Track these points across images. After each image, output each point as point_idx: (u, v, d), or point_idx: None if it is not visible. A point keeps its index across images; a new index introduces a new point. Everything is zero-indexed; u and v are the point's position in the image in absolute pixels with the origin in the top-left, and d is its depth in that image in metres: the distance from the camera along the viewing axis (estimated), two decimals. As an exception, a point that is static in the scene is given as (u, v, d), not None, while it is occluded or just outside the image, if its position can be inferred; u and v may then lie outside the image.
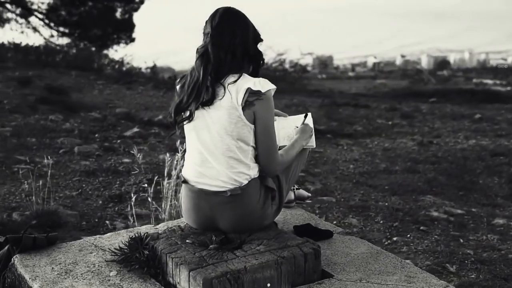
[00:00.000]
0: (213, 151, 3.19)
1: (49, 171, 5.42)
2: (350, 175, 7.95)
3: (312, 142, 3.60)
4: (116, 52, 25.37)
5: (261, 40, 3.33)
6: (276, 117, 3.77)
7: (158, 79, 19.44)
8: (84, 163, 7.05)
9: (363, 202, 6.21)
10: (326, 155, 9.27)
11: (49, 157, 5.73)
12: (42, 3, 24.09)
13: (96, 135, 8.74)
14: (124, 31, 24.78)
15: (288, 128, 3.70)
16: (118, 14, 24.40)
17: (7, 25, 24.53)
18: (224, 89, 3.13)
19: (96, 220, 5.26)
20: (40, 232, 4.75)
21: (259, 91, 3.10)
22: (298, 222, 3.82)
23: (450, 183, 7.57)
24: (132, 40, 24.92)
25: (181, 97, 3.24)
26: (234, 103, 3.10)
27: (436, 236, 5.19)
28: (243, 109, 3.09)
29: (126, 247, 3.26)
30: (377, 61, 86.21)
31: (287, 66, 26.17)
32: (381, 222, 5.55)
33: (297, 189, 4.06)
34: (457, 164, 8.71)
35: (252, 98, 3.09)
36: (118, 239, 3.57)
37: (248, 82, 3.12)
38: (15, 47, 22.88)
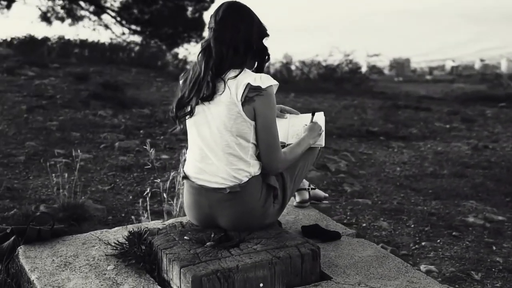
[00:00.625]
0: (213, 147, 3.17)
1: (78, 165, 5.50)
2: (395, 178, 7.81)
3: (321, 141, 3.54)
4: (187, 50, 25.57)
5: (267, 35, 3.30)
6: (287, 115, 3.73)
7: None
8: (122, 158, 7.13)
9: (399, 206, 6.09)
10: (375, 157, 9.13)
11: (79, 150, 5.80)
12: (115, 1, 24.55)
13: (141, 131, 8.83)
14: (195, 29, 24.97)
15: (299, 126, 3.65)
16: (188, 13, 24.61)
17: (80, 23, 25.07)
18: (224, 85, 3.10)
19: (123, 215, 5.31)
20: (65, 225, 4.83)
21: (259, 87, 3.06)
22: (309, 223, 3.76)
23: (497, 189, 7.35)
24: (202, 38, 25.08)
25: (183, 92, 3.23)
26: (234, 98, 3.07)
27: (467, 243, 5.05)
28: (242, 104, 3.07)
29: (125, 242, 3.27)
30: (455, 65, 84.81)
31: (352, 67, 25.95)
32: (412, 226, 5.43)
33: (312, 189, 4.00)
34: (509, 170, 8.45)
35: (252, 93, 3.06)
36: (124, 233, 3.58)
37: (248, 77, 3.09)
38: (81, 43, 23.36)
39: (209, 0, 24.25)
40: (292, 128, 3.65)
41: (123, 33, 25.07)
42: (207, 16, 24.20)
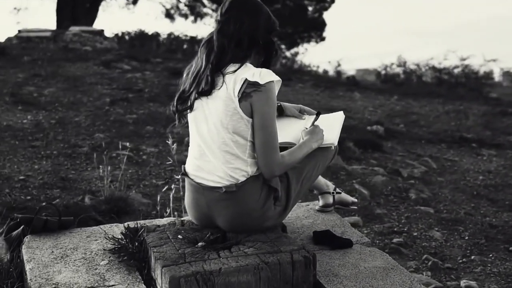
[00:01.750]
0: (210, 145, 3.09)
1: (124, 159, 5.54)
2: (473, 187, 7.45)
3: (331, 140, 3.38)
4: (306, 50, 25.65)
5: (276, 29, 3.19)
6: (306, 116, 3.60)
7: (329, 78, 19.27)
8: (186, 154, 7.13)
9: (462, 216, 5.79)
10: (459, 165, 8.75)
11: (127, 144, 5.85)
12: None
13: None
14: (315, 29, 24.98)
15: (324, 127, 3.51)
16: (308, 13, 24.66)
17: (200, 20, 25.68)
18: (223, 79, 3.02)
19: (168, 210, 5.30)
20: (105, 218, 4.88)
21: (257, 82, 2.96)
22: (325, 228, 3.61)
23: None
24: (323, 39, 25.08)
25: (184, 85, 3.17)
26: (231, 94, 2.99)
27: (523, 260, 4.73)
28: (239, 100, 2.98)
29: (121, 237, 3.24)
30: None
31: (467, 71, 25.09)
32: (467, 238, 5.15)
33: (337, 193, 3.84)
34: None
35: (249, 89, 2.96)
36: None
37: (247, 72, 3.00)
38: (191, 39, 23.77)
39: (330, 0, 24.15)
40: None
41: None
42: (327, 16, 24.13)
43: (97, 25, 23.48)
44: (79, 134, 7.67)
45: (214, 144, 3.09)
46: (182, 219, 3.43)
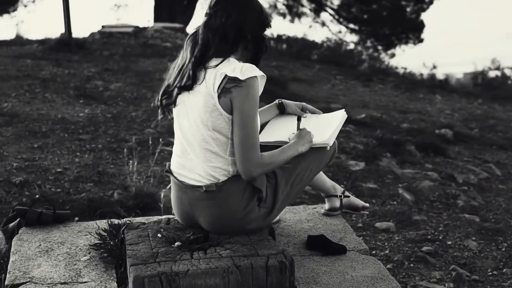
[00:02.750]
0: (191, 142, 3.02)
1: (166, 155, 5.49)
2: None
3: (324, 140, 3.24)
4: (404, 52, 25.30)
5: (268, 25, 3.09)
6: (307, 114, 3.47)
7: (413, 80, 18.78)
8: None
9: (504, 226, 5.49)
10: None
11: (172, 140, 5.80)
12: None
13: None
14: (413, 31, 24.57)
15: (317, 126, 3.38)
16: (407, 13, 24.29)
17: (298, 20, 25.81)
18: (204, 74, 2.94)
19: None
20: (131, 213, 4.88)
21: (237, 78, 2.86)
22: (325, 232, 3.47)
23: None
24: (421, 40, 24.65)
25: (169, 80, 3.10)
26: (210, 89, 2.91)
27: (560, 275, 4.44)
28: (219, 96, 2.89)
29: (105, 234, 3.20)
30: None
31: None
32: (504, 249, 4.87)
33: (345, 196, 3.69)
34: None
35: (229, 85, 2.87)
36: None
37: (228, 67, 2.91)
38: (278, 38, 23.75)
39: (428, 1, 23.66)
40: (312, 127, 3.39)
41: (340, 32, 25.32)
42: (425, 17, 23.70)
43: (194, 23, 23.74)
44: (130, 129, 7.72)
45: (194, 141, 3.01)
46: (169, 217, 3.36)
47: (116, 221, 3.39)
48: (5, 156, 6.19)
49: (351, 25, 25.27)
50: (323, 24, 25.85)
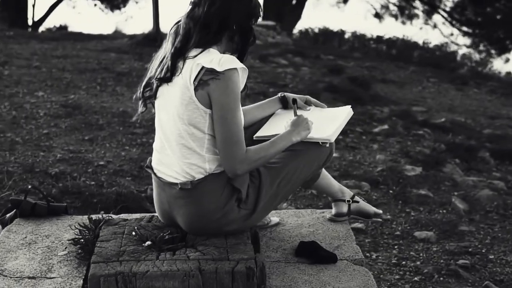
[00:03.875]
0: (168, 136, 2.89)
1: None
2: None
3: (327, 135, 3.03)
4: None
5: (257, 15, 2.92)
6: (311, 107, 3.29)
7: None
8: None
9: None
10: None
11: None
12: (448, 0, 24.51)
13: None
14: None
15: (319, 120, 3.19)
16: None
17: (410, 22, 25.59)
18: (183, 65, 2.80)
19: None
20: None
21: (214, 69, 2.71)
22: (323, 239, 3.26)
23: None
24: None
25: (151, 71, 2.98)
26: (186, 81, 2.78)
27: None
28: (195, 89, 2.75)
29: (84, 229, 3.11)
30: None
31: None
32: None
33: (355, 201, 3.46)
34: None
35: (207, 76, 2.73)
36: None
37: (206, 57, 2.76)
38: (377, 39, 23.42)
39: None
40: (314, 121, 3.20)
41: (451, 34, 24.79)
42: None
43: (303, 22, 23.71)
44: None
45: (171, 136, 2.88)
46: (153, 214, 3.23)
47: (101, 216, 3.29)
48: (53, 147, 6.26)
49: (464, 28, 24.72)
50: (435, 26, 25.45)
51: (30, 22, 22.62)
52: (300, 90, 10.74)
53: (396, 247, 4.67)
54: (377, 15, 26.27)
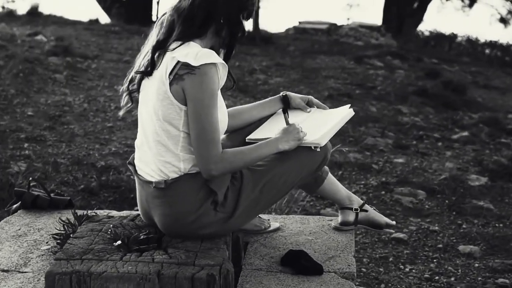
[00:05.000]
0: (146, 132, 2.79)
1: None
2: None
3: (315, 139, 2.84)
4: None
5: (249, 9, 2.77)
6: (312, 109, 3.11)
7: None
8: (353, 155, 6.65)
9: None
10: None
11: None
12: None
13: (420, 133, 8.04)
14: None
15: (315, 123, 3.01)
16: None
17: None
18: (162, 58, 2.69)
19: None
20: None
21: (189, 64, 2.58)
22: (318, 249, 3.06)
23: None
24: None
25: (137, 64, 2.88)
26: (162, 75, 2.65)
27: None
28: (170, 83, 2.63)
29: (68, 224, 3.05)
30: None
31: None
32: None
33: (363, 210, 3.23)
34: None
35: (183, 71, 2.60)
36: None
37: (183, 51, 2.64)
38: (490, 44, 22.57)
39: None
40: (310, 123, 3.02)
41: None
42: None
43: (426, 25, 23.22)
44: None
45: (149, 132, 2.77)
46: (138, 213, 3.12)
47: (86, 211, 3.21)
48: (111, 140, 6.29)
49: None
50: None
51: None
52: (387, 93, 10.44)
53: (435, 260, 4.38)
54: (502, 20, 25.31)
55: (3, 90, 7.83)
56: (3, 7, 16.43)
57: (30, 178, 3.38)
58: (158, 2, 21.05)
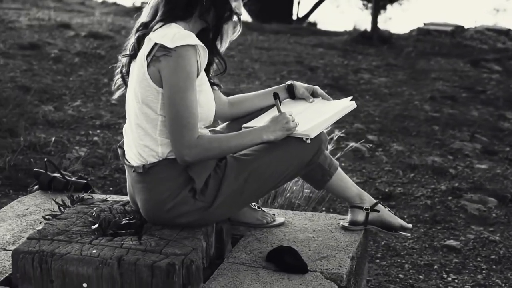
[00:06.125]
0: (129, 115, 2.74)
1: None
2: None
3: (305, 130, 2.69)
4: None
5: None
6: (316, 99, 2.96)
7: None
8: (432, 158, 6.33)
9: None
10: None
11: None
12: None
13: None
14: None
15: (316, 114, 2.86)
16: None
17: None
18: (144, 40, 2.63)
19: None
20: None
21: (165, 46, 2.51)
22: (316, 247, 2.90)
23: None
24: None
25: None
26: (141, 56, 2.59)
27: None
28: (148, 65, 2.56)
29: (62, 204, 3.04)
30: None
31: None
32: None
33: (374, 210, 3.04)
34: None
35: (160, 53, 2.53)
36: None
37: (161, 32, 2.57)
38: None
39: None
40: (311, 114, 2.88)
41: None
42: None
43: None
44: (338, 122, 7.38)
45: (131, 115, 2.71)
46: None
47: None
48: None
49: None
50: None
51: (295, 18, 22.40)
52: (496, 98, 9.90)
53: (484, 272, 4.05)
54: None
55: (96, 78, 8.03)
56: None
57: (46, 159, 3.38)
58: (299, 2, 20.95)
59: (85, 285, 2.43)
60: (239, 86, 8.82)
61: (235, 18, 2.80)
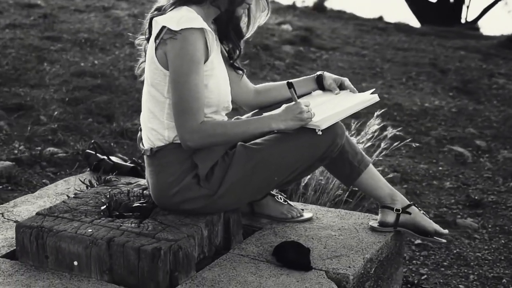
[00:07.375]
0: (143, 98, 2.73)
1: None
2: None
3: (317, 121, 2.58)
4: None
5: None
6: (342, 91, 2.85)
7: None
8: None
9: None
10: None
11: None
12: None
13: None
14: None
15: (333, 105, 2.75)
16: None
17: None
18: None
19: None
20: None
21: (171, 28, 2.50)
22: (334, 246, 2.77)
23: None
24: None
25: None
26: (152, 40, 2.58)
27: None
28: (156, 48, 2.55)
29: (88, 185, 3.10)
30: None
31: None
32: None
33: (406, 212, 2.87)
34: None
35: (167, 35, 2.51)
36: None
37: (169, 15, 2.55)
38: None
39: None
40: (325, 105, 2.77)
41: None
42: None
43: None
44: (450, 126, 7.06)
45: (144, 98, 2.69)
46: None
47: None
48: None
49: None
50: None
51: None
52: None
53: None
54: None
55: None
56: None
57: (92, 141, 3.44)
58: (467, 7, 20.11)
59: (75, 263, 2.44)
60: (360, 84, 8.62)
61: (263, 2, 2.73)
